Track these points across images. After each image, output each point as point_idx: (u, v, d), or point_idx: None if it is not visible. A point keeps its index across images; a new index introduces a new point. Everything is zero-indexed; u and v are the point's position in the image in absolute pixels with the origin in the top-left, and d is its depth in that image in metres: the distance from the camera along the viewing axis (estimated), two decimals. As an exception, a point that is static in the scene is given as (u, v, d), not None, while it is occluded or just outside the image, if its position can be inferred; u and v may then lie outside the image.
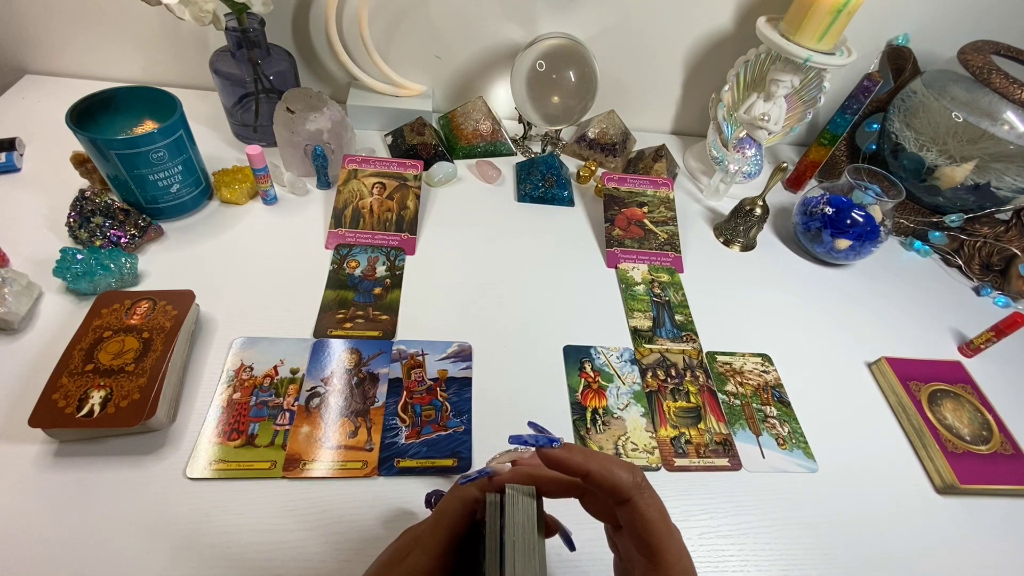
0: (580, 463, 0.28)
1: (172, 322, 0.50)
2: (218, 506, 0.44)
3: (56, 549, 0.40)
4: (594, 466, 0.28)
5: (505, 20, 0.81)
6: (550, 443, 0.29)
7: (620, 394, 0.57)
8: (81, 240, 0.58)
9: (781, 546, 0.48)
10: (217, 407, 0.49)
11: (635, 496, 0.28)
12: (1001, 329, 0.64)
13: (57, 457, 0.44)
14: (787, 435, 0.56)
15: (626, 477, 0.28)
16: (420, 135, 0.79)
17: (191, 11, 0.58)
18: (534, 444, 0.29)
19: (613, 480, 0.28)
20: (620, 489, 0.28)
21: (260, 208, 0.69)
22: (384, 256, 0.65)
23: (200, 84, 0.83)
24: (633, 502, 0.28)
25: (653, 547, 0.28)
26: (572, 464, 0.28)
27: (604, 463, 0.29)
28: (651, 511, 0.28)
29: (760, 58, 0.78)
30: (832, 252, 0.75)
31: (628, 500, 0.28)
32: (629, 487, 0.28)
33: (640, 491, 0.28)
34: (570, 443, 0.30)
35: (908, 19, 0.85)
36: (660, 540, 0.28)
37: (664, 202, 0.76)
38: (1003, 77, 0.70)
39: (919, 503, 0.53)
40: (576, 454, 0.29)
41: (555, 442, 0.29)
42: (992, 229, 0.80)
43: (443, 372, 0.55)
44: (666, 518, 0.29)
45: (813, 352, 0.65)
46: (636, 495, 0.28)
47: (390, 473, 0.47)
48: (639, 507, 0.28)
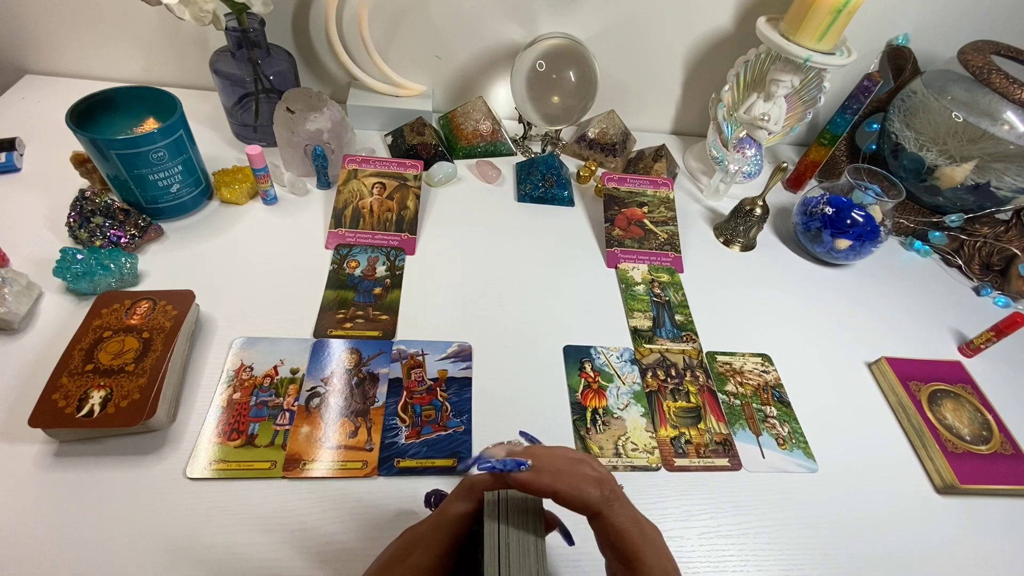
0: (547, 484, 0.29)
1: (172, 322, 0.50)
2: (218, 506, 0.44)
3: (56, 549, 0.40)
4: (561, 486, 0.29)
5: (505, 20, 0.81)
6: (518, 467, 0.30)
7: (620, 394, 0.57)
8: (81, 240, 0.58)
9: (781, 546, 0.48)
10: (217, 407, 0.49)
11: (604, 510, 0.29)
12: (1001, 329, 0.64)
13: (57, 457, 0.44)
14: (787, 435, 0.56)
15: (594, 493, 0.29)
16: (420, 135, 0.79)
17: (191, 11, 0.58)
18: (501, 469, 0.30)
19: (581, 498, 0.29)
20: (588, 505, 0.29)
21: (260, 208, 0.69)
22: (384, 256, 0.65)
23: (200, 84, 0.83)
24: (603, 515, 0.29)
25: (628, 554, 0.29)
26: (540, 487, 0.30)
27: (572, 481, 0.30)
28: (621, 520, 0.30)
29: (760, 58, 0.78)
30: (832, 252, 0.75)
31: (598, 514, 0.30)
32: (597, 502, 0.29)
33: (609, 504, 0.30)
34: (538, 465, 0.30)
35: (908, 19, 0.85)
36: (634, 547, 0.29)
37: (664, 202, 0.76)
38: (1003, 77, 0.70)
39: (919, 503, 0.53)
40: (543, 476, 0.30)
41: (523, 465, 0.30)
42: (992, 229, 0.80)
43: (443, 372, 0.55)
44: (639, 526, 0.30)
45: (813, 352, 0.65)
46: (605, 509, 0.29)
47: (390, 473, 0.47)
48: (609, 519, 0.29)
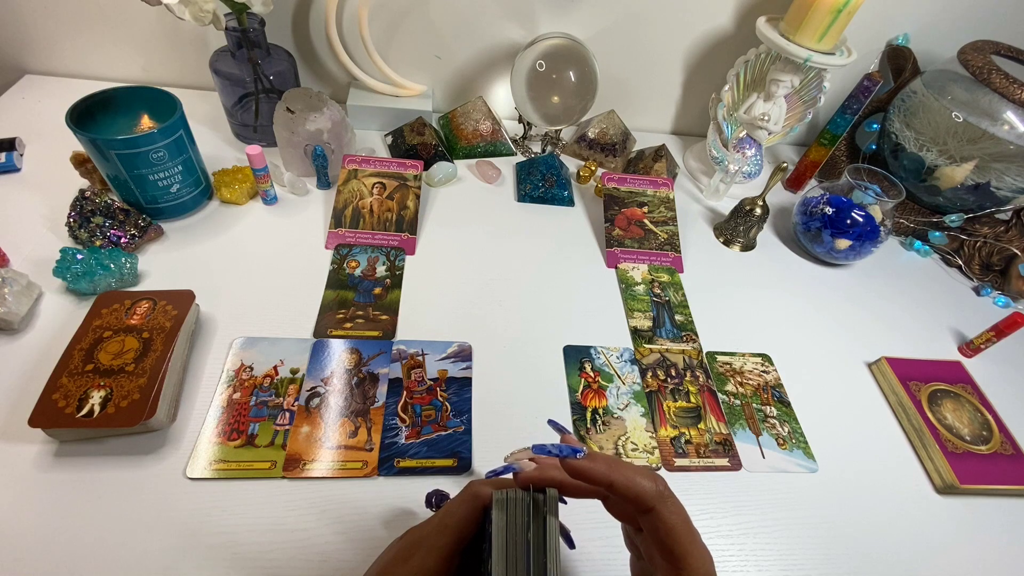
0: (603, 474, 0.29)
1: (172, 322, 0.50)
2: (218, 506, 0.44)
3: (56, 549, 0.40)
4: (617, 477, 0.29)
5: (505, 20, 0.81)
6: (574, 453, 0.29)
7: (620, 394, 0.57)
8: (81, 240, 0.58)
9: (781, 546, 0.48)
10: (217, 407, 0.49)
11: (658, 505, 0.29)
12: (1001, 329, 0.64)
13: (57, 457, 0.44)
14: (787, 435, 0.56)
15: (649, 487, 0.29)
16: (420, 135, 0.79)
17: (191, 11, 0.58)
18: (558, 455, 0.29)
19: (636, 490, 0.29)
20: (643, 499, 0.29)
21: (260, 208, 0.69)
22: (384, 256, 0.65)
23: (200, 84, 0.83)
24: (656, 511, 0.29)
25: (677, 553, 0.28)
26: (595, 475, 0.29)
27: (627, 473, 0.29)
28: (674, 519, 0.29)
29: (760, 58, 0.78)
30: (832, 252, 0.75)
31: (651, 509, 0.29)
32: (652, 496, 0.29)
33: (663, 500, 0.29)
34: (594, 452, 0.30)
35: (908, 19, 0.85)
36: (683, 547, 0.28)
37: (664, 202, 0.76)
38: (1003, 77, 0.70)
39: (919, 503, 0.53)
40: (599, 464, 0.29)
41: (579, 452, 0.29)
42: (992, 229, 0.80)
43: (443, 372, 0.55)
44: (688, 524, 0.29)
45: (813, 352, 0.65)
46: (659, 504, 0.29)
47: (390, 473, 0.47)
48: (663, 515, 0.29)
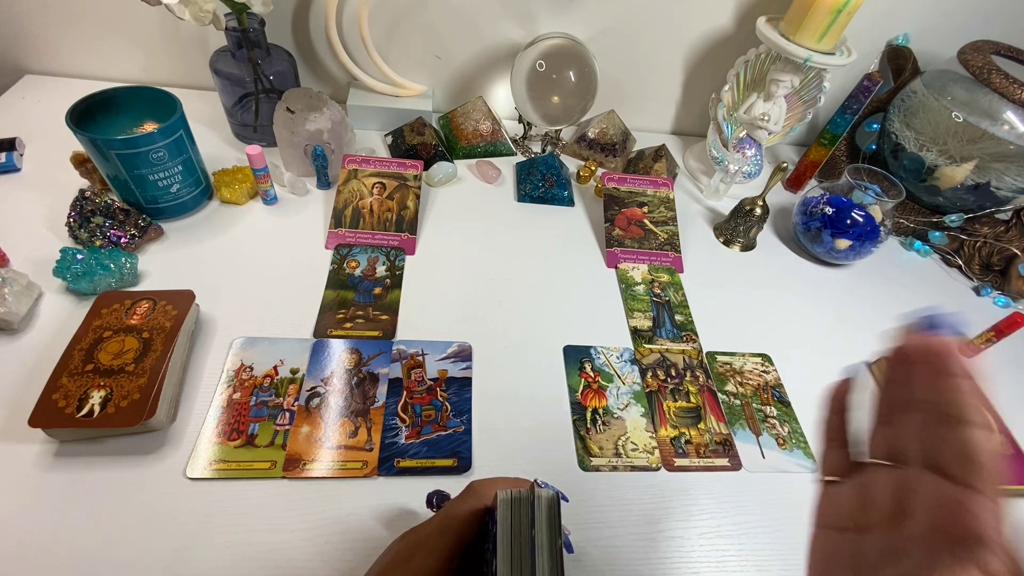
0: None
1: (172, 322, 0.50)
2: (218, 506, 0.44)
3: (56, 549, 0.40)
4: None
5: (505, 20, 0.81)
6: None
7: (620, 394, 0.57)
8: (81, 240, 0.58)
9: (781, 546, 0.48)
10: (217, 407, 0.49)
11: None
12: (1001, 329, 0.64)
13: (57, 457, 0.44)
14: (787, 435, 0.56)
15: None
16: (420, 135, 0.79)
17: (191, 11, 0.58)
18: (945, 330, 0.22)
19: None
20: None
21: (260, 208, 0.69)
22: (384, 256, 0.65)
23: (200, 84, 0.83)
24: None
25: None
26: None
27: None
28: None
29: (760, 58, 0.78)
30: (832, 252, 0.75)
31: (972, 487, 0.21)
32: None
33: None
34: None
35: (908, 19, 0.85)
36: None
37: (664, 202, 0.76)
38: (1003, 77, 0.70)
39: (919, 503, 0.53)
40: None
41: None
42: (992, 229, 0.80)
43: (443, 372, 0.55)
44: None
45: (813, 352, 0.65)
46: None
47: (390, 473, 0.47)
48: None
